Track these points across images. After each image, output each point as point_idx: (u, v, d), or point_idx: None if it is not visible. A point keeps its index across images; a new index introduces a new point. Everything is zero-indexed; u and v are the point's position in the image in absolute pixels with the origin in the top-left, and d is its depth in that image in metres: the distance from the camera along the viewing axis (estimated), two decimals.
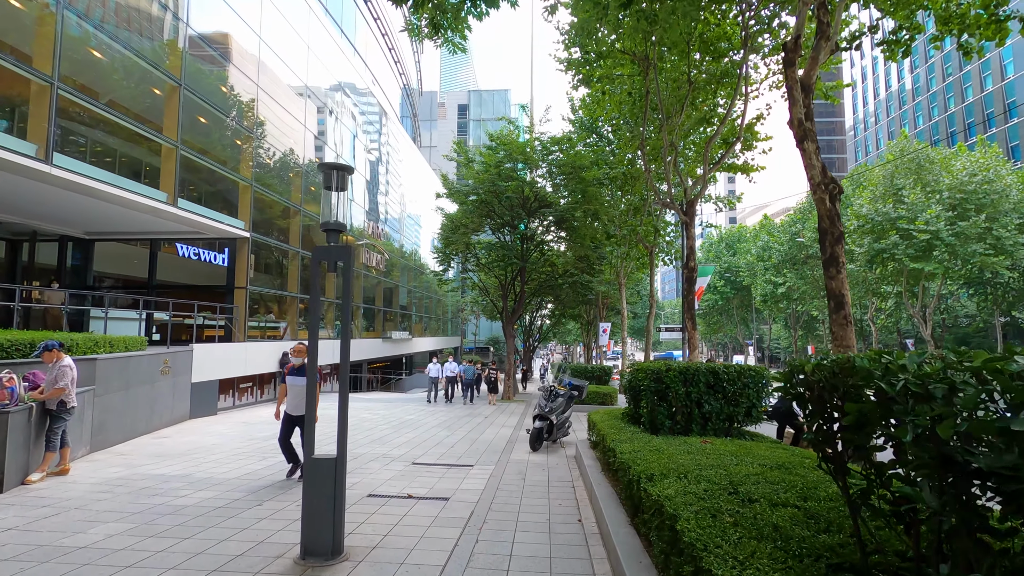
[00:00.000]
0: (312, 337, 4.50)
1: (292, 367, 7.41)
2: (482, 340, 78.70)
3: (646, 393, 6.00)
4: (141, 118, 12.25)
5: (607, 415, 8.18)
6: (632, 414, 7.09)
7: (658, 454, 4.67)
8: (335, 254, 4.57)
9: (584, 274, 26.31)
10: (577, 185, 20.06)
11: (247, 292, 15.77)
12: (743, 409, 5.80)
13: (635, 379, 6.67)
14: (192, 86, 13.70)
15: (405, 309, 36.14)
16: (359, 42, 31.72)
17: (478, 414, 16.01)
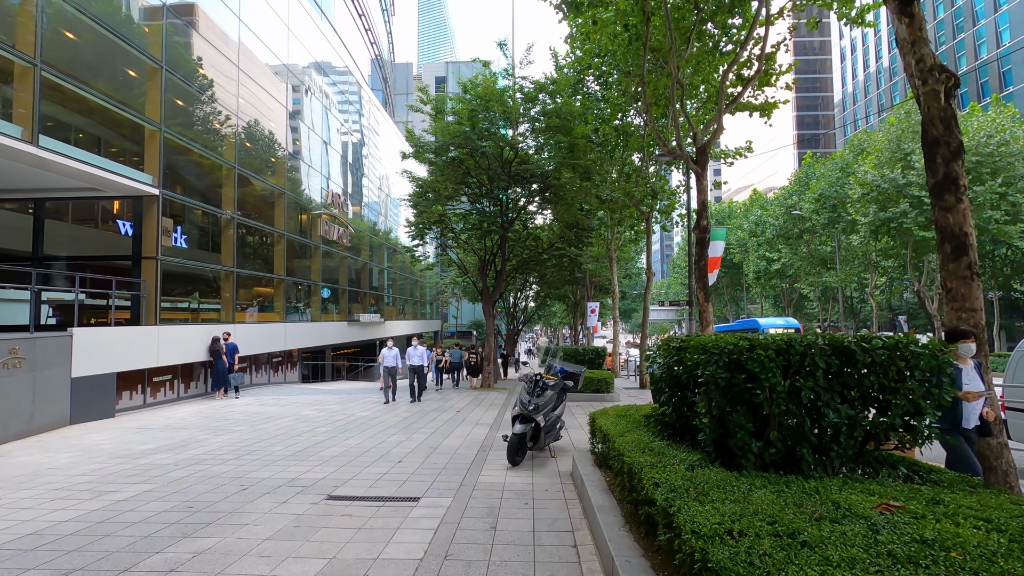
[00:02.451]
0: None
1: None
2: (465, 324, 75.88)
3: (709, 391, 3.25)
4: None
5: (620, 418, 5.43)
6: (671, 423, 4.36)
7: (785, 550, 1.96)
8: None
9: (572, 247, 23.59)
10: (564, 139, 17.16)
11: (158, 264, 12.70)
12: (897, 419, 3.09)
13: (677, 364, 3.95)
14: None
15: (377, 290, 33.12)
16: (337, 22, 28.24)
17: (449, 407, 13.25)
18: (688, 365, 3.72)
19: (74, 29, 11.02)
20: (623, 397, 15.81)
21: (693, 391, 3.84)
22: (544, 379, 7.22)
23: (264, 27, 18.59)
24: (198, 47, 15.07)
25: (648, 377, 20.10)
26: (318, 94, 23.96)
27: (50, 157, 10.33)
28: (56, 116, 10.83)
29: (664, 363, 4.18)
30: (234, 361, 14.60)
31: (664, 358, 4.27)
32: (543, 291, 41.44)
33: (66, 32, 10.85)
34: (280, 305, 19.40)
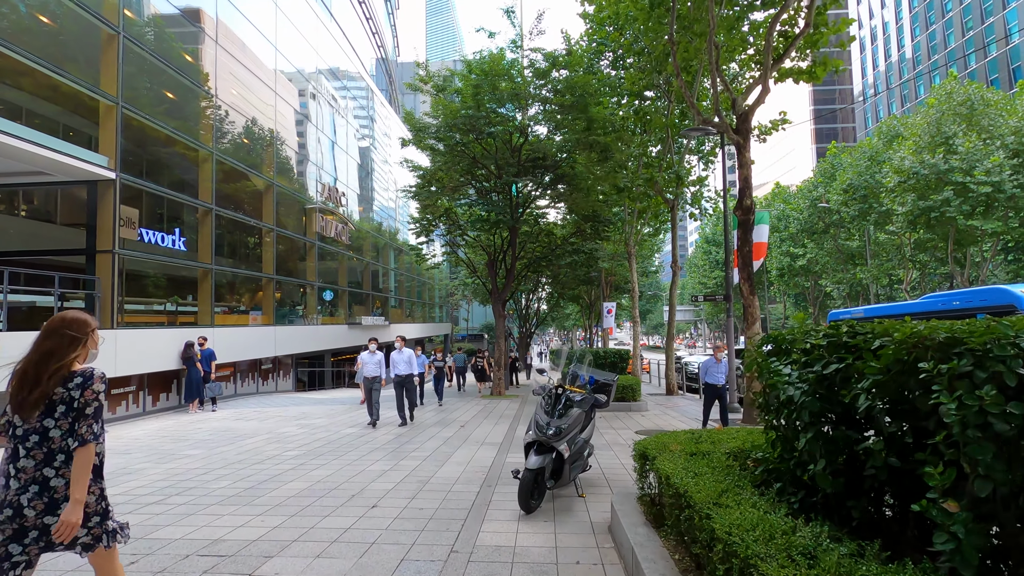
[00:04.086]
0: None
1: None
2: (476, 327, 74.08)
3: (980, 449, 1.45)
4: None
5: (693, 459, 3.46)
6: (799, 479, 2.44)
7: None
8: None
9: (588, 241, 21.72)
10: (580, 116, 15.31)
11: (115, 259, 11.03)
12: None
13: (842, 378, 2.07)
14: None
15: (382, 292, 31.44)
16: (335, 9, 26.75)
17: (452, 421, 11.42)
18: (886, 380, 1.87)
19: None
20: (651, 405, 13.91)
21: (901, 432, 1.96)
22: (568, 392, 5.35)
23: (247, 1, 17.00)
24: (164, 12, 13.46)
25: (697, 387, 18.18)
26: (311, 75, 22.35)
27: (20, 145, 8.75)
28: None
29: (800, 377, 2.32)
30: (210, 369, 12.91)
31: (794, 368, 2.42)
32: (556, 291, 39.67)
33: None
34: (269, 307, 17.72)
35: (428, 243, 23.27)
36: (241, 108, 16.47)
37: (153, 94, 12.79)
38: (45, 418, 2.30)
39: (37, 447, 2.29)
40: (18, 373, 2.35)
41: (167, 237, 12.86)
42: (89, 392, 2.35)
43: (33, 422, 2.29)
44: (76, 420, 2.32)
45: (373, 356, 10.61)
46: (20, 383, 2.32)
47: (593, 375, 5.86)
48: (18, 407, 2.29)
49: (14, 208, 13.12)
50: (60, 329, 2.41)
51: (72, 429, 2.32)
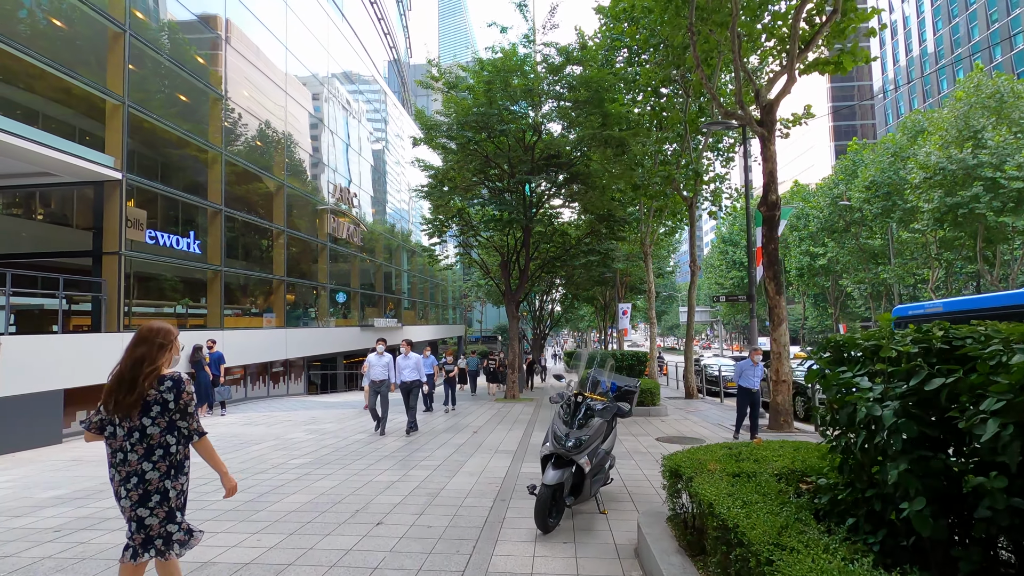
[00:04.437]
0: None
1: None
2: (490, 329, 73.71)
3: None
4: None
5: (738, 481, 2.97)
6: (881, 520, 1.98)
7: None
8: None
9: (604, 241, 21.24)
10: (596, 111, 14.85)
11: (121, 260, 10.82)
12: None
13: (974, 395, 1.64)
14: None
15: (394, 293, 31.21)
16: (347, 9, 26.64)
17: (465, 426, 11.03)
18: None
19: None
20: (671, 409, 13.40)
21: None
22: (589, 400, 4.92)
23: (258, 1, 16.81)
24: (173, 12, 13.28)
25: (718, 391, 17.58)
26: (323, 77, 22.16)
27: (18, 143, 8.58)
28: None
29: (887, 393, 1.87)
30: (219, 373, 12.67)
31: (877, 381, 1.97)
32: (570, 293, 39.18)
33: None
34: (280, 309, 17.50)
35: (441, 244, 22.99)
36: (252, 109, 16.28)
37: (161, 94, 12.61)
38: (143, 417, 2.58)
39: (138, 443, 2.58)
40: (115, 377, 2.61)
41: (175, 238, 12.66)
42: (185, 395, 2.70)
43: (135, 421, 2.57)
44: (180, 419, 2.66)
45: (381, 358, 9.84)
46: (117, 386, 2.59)
47: (615, 381, 5.43)
48: (116, 407, 2.56)
49: (22, 211, 13.02)
50: (150, 337, 2.72)
51: (168, 428, 2.63)
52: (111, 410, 2.59)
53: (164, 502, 2.62)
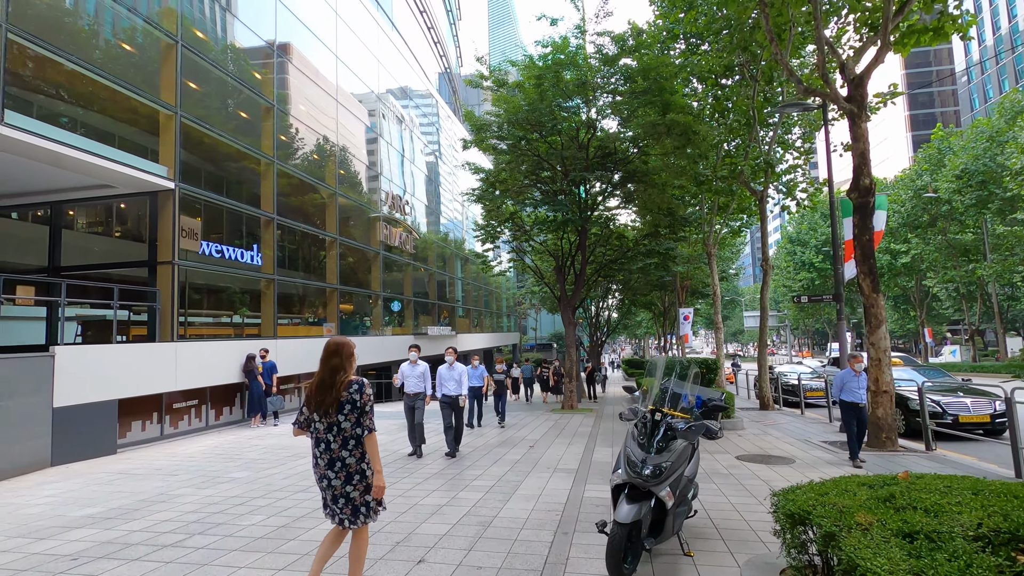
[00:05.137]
0: None
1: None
2: (545, 336, 72.75)
3: None
4: None
5: (932, 556, 2.04)
6: None
7: None
8: None
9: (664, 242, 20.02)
10: (656, 99, 13.86)
11: (175, 270, 10.80)
12: None
13: None
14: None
15: (447, 301, 30.97)
16: (397, 19, 26.91)
17: (520, 440, 10.27)
18: None
19: None
20: (746, 422, 12.13)
21: None
22: (670, 418, 4.05)
23: (307, 5, 16.88)
24: (225, 24, 13.38)
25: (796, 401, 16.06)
26: (374, 85, 22.17)
27: (68, 152, 8.66)
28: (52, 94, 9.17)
29: None
30: (272, 382, 12.51)
31: None
32: (627, 298, 37.85)
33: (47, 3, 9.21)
34: (333, 317, 17.40)
35: (494, 249, 22.48)
36: (303, 118, 16.31)
37: (213, 105, 12.68)
38: (338, 414, 3.17)
39: (337, 435, 3.18)
40: (315, 383, 3.23)
41: (228, 247, 12.65)
42: (366, 396, 3.26)
43: (332, 418, 3.17)
44: (360, 416, 3.21)
45: (415, 368, 8.53)
46: (319, 390, 3.20)
47: (699, 393, 4.51)
48: (318, 407, 3.19)
49: (87, 224, 13.40)
50: (340, 350, 3.30)
51: (357, 422, 3.20)
52: (314, 409, 3.23)
53: (362, 480, 3.23)
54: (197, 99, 11.94)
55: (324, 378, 3.22)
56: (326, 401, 3.18)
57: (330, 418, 3.19)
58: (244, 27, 13.92)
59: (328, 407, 3.18)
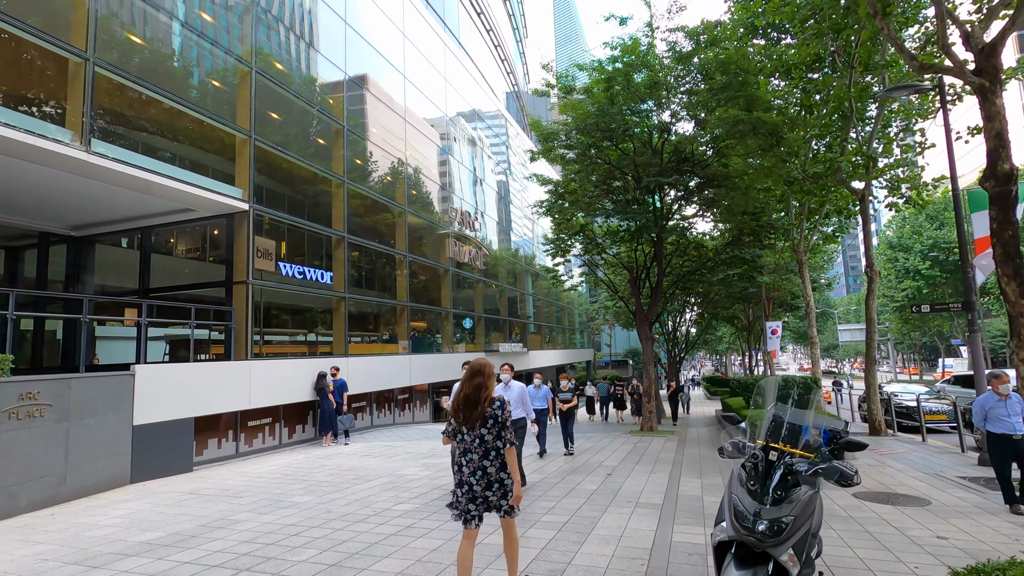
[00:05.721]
0: None
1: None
2: (619, 353, 70.66)
3: None
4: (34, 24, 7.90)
5: None
6: None
7: None
8: None
9: (750, 248, 18.58)
10: (738, 95, 12.80)
11: (249, 289, 10.99)
12: None
13: None
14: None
15: (519, 317, 30.54)
16: (464, 37, 27.43)
17: (596, 466, 9.45)
18: None
19: (152, 25, 9.87)
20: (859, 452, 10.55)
21: None
22: (789, 457, 3.20)
23: (376, 31, 17.22)
24: (296, 50, 13.77)
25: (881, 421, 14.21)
26: (442, 103, 22.33)
27: (156, 179, 9.06)
28: (134, 124, 9.62)
29: None
30: (343, 400, 12.44)
31: None
32: (707, 312, 35.91)
33: (133, 37, 9.68)
34: (404, 335, 17.35)
35: (565, 263, 21.83)
36: (372, 137, 16.54)
37: (286, 128, 13.01)
38: (482, 428, 3.56)
39: (479, 446, 3.56)
40: (461, 399, 3.59)
41: (300, 267, 12.82)
42: (506, 412, 3.62)
43: (476, 431, 3.56)
44: (501, 430, 3.58)
45: (508, 391, 7.50)
46: (465, 406, 3.57)
47: (824, 424, 3.59)
48: (465, 421, 3.57)
49: (171, 247, 14.07)
50: (482, 370, 3.64)
51: (498, 436, 3.57)
52: (460, 422, 3.58)
53: (499, 488, 3.55)
54: (270, 123, 12.27)
55: (469, 394, 3.57)
56: (472, 416, 3.54)
57: (475, 431, 3.56)
58: (320, 55, 14.31)
59: (474, 421, 3.54)
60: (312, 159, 13.56)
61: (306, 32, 14.15)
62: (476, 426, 3.52)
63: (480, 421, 3.52)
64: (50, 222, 11.70)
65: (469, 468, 3.54)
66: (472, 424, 3.53)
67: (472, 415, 3.52)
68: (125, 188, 9.46)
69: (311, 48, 14.22)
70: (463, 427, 3.57)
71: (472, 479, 3.52)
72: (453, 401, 3.65)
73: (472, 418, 3.52)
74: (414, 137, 19.08)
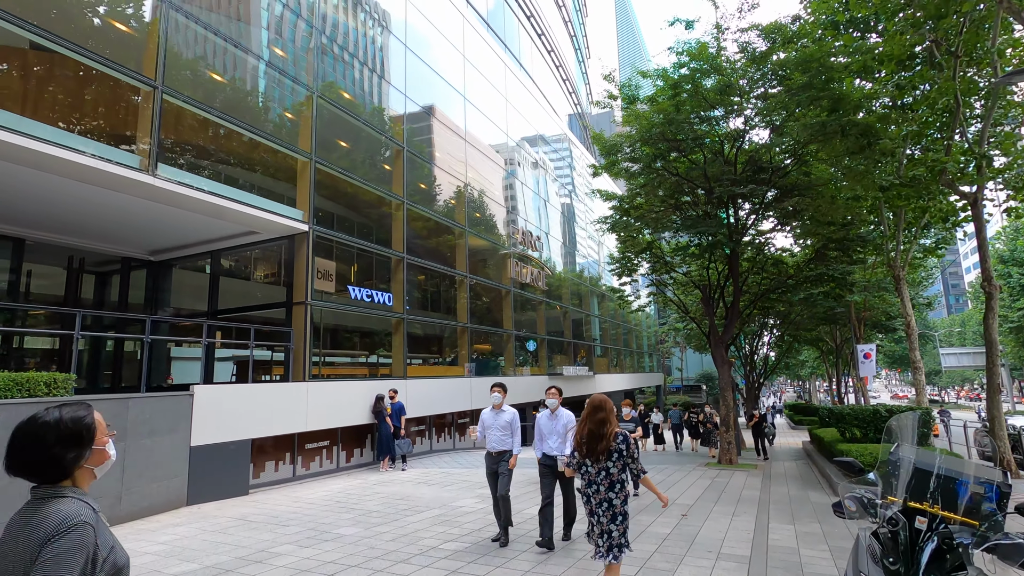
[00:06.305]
0: None
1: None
2: (691, 377, 67.36)
3: None
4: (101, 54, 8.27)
5: None
6: None
7: None
8: None
9: (836, 264, 16.99)
10: (822, 94, 11.65)
11: (308, 310, 10.95)
12: None
13: None
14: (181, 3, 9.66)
15: (584, 340, 29.58)
16: (524, 59, 27.66)
17: (669, 504, 8.46)
18: None
19: (209, 48, 10.21)
20: None
21: None
22: (943, 525, 2.34)
23: (435, 53, 17.36)
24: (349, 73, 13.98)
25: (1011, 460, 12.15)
26: (503, 121, 22.22)
27: (219, 201, 9.29)
28: (200, 149, 9.90)
29: None
30: (400, 424, 12.11)
31: None
32: (789, 334, 33.48)
33: (198, 64, 10.02)
34: (464, 357, 16.97)
35: (632, 283, 20.86)
36: (431, 159, 16.53)
37: (346, 151, 13.13)
38: (607, 461, 3.80)
39: (604, 479, 3.80)
40: (585, 433, 3.87)
41: (359, 288, 12.76)
42: (631, 445, 3.86)
43: (601, 464, 3.80)
44: (631, 462, 3.83)
45: (498, 417, 6.19)
46: (589, 440, 3.83)
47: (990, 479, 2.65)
48: (589, 454, 3.83)
49: (236, 270, 14.47)
50: (603, 405, 3.91)
51: (623, 468, 3.80)
52: (585, 455, 3.84)
53: (623, 521, 3.80)
54: (330, 146, 12.40)
55: (593, 430, 3.79)
56: (597, 449, 3.76)
57: (600, 463, 3.79)
58: (379, 78, 14.51)
59: (599, 455, 3.76)
60: (371, 180, 13.60)
61: (370, 59, 14.38)
62: (601, 459, 3.76)
63: (605, 455, 3.75)
64: (131, 247, 12.28)
65: (595, 499, 3.80)
66: (596, 457, 3.77)
67: (596, 449, 3.75)
68: (191, 211, 9.69)
69: (372, 72, 14.43)
70: (586, 459, 3.81)
71: (599, 510, 3.78)
72: (577, 435, 3.89)
73: (596, 451, 3.75)
74: (474, 157, 18.99)
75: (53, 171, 7.69)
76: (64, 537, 1.39)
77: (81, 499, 1.52)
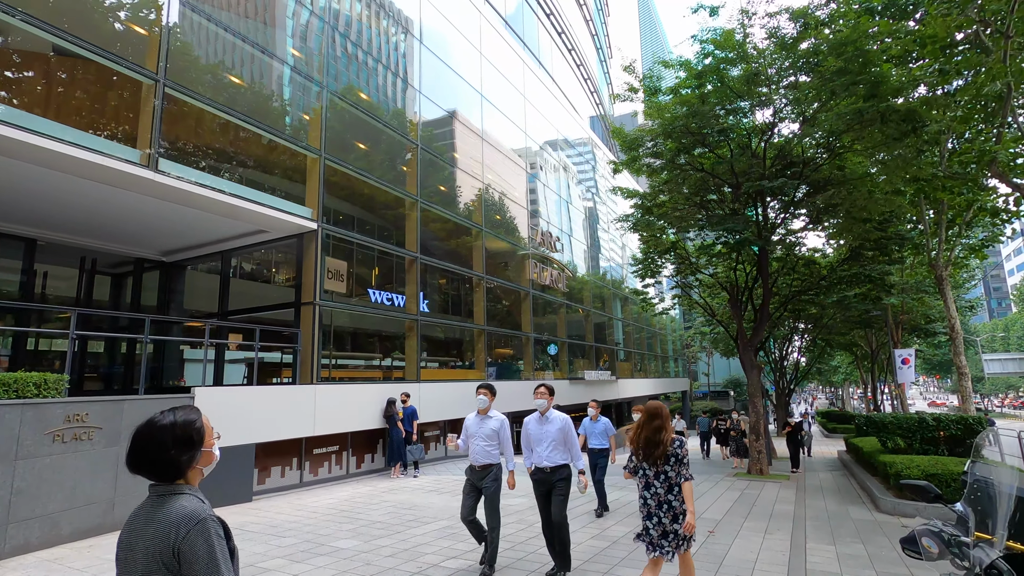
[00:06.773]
0: None
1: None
2: (718, 383, 65.77)
3: None
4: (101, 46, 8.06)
5: None
6: None
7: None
8: None
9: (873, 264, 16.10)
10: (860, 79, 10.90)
11: (316, 311, 10.61)
12: None
13: None
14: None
15: (606, 344, 28.85)
16: (544, 58, 27.26)
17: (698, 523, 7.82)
18: None
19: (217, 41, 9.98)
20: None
21: None
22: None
23: (452, 50, 17.01)
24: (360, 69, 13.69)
25: None
26: (521, 120, 21.76)
27: (224, 198, 9.04)
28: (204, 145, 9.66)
29: None
30: (412, 429, 11.68)
31: None
32: (821, 339, 32.26)
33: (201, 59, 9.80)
34: (480, 360, 16.49)
35: (655, 284, 20.17)
36: (446, 157, 16.16)
37: (355, 147, 12.83)
38: (664, 465, 3.98)
39: (663, 482, 3.96)
40: (644, 439, 4.03)
41: (370, 289, 12.41)
42: (684, 449, 4.03)
43: (659, 468, 3.98)
44: (679, 465, 3.99)
45: (483, 423, 5.33)
46: (647, 445, 4.00)
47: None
48: (646, 458, 4.02)
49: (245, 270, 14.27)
50: (660, 412, 4.08)
51: (679, 472, 3.97)
52: (642, 459, 4.06)
53: (683, 520, 3.92)
54: (340, 143, 12.11)
55: (650, 436, 3.99)
56: (655, 454, 3.96)
57: (657, 467, 3.99)
58: (391, 74, 14.21)
59: (656, 459, 3.96)
60: (383, 179, 13.26)
61: (383, 56, 14.09)
62: (659, 463, 3.96)
63: (663, 459, 3.96)
64: (142, 248, 12.15)
65: (655, 501, 3.95)
66: (654, 461, 3.97)
67: (654, 454, 3.95)
68: (196, 208, 9.44)
69: (386, 69, 14.13)
70: (643, 463, 4.02)
71: (660, 512, 3.93)
72: (633, 439, 4.04)
73: (654, 456, 3.95)
74: (492, 157, 18.57)
75: (57, 168, 7.50)
76: (196, 532, 1.51)
77: (199, 496, 1.64)
